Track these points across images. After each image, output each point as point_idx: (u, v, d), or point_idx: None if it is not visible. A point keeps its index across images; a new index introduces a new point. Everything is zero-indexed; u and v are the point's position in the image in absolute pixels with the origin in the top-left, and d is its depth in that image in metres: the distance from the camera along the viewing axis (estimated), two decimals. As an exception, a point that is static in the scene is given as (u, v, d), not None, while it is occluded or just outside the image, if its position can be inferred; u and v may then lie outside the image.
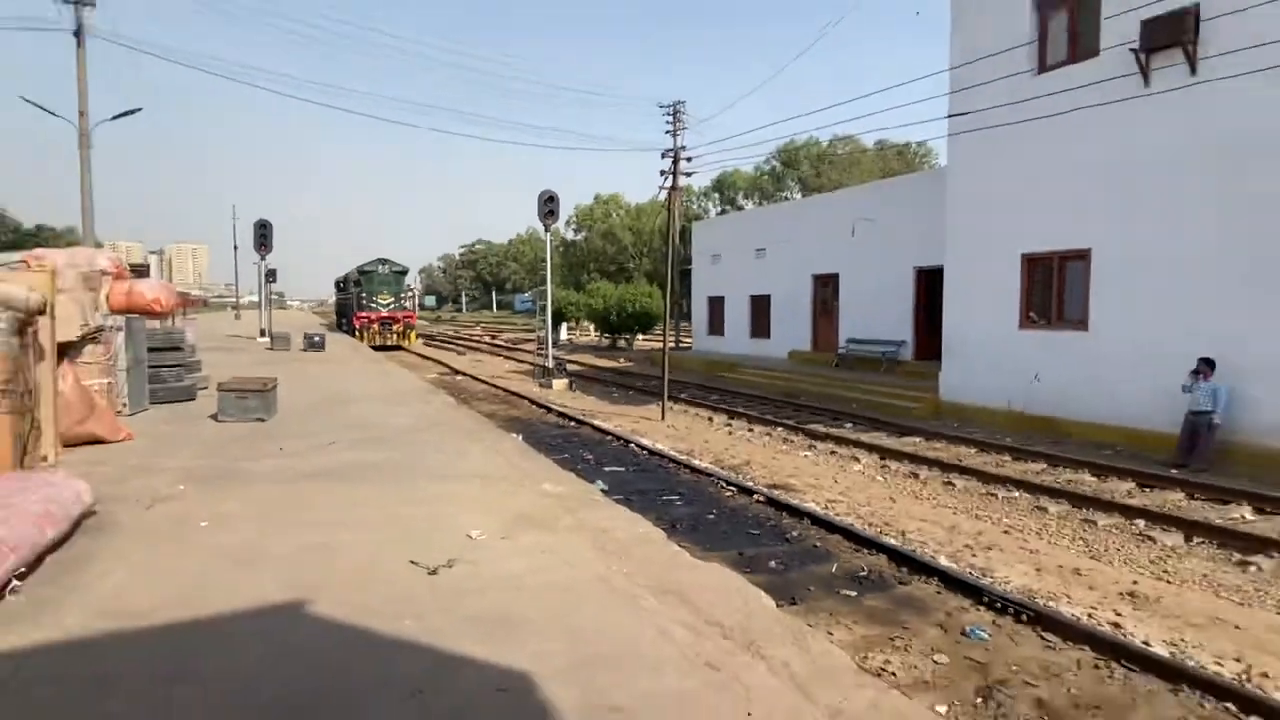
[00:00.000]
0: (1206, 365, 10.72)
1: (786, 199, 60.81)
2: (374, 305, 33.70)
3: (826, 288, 24.56)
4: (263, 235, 28.50)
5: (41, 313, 6.89)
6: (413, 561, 4.71)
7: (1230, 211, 11.03)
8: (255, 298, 44.55)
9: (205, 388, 13.02)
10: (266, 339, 27.74)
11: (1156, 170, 11.93)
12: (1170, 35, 11.26)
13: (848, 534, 7.58)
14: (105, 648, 3.53)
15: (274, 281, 35.77)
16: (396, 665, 3.35)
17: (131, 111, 24.10)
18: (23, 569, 4.23)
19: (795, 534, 7.77)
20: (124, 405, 10.06)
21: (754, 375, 23.06)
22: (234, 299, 72.18)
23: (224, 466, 7.51)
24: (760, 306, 27.91)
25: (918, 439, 13.25)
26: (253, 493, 6.49)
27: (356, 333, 33.76)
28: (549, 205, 22.08)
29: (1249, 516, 8.50)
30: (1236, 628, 5.63)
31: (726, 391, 20.43)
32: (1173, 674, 4.75)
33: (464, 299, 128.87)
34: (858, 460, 11.73)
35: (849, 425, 14.74)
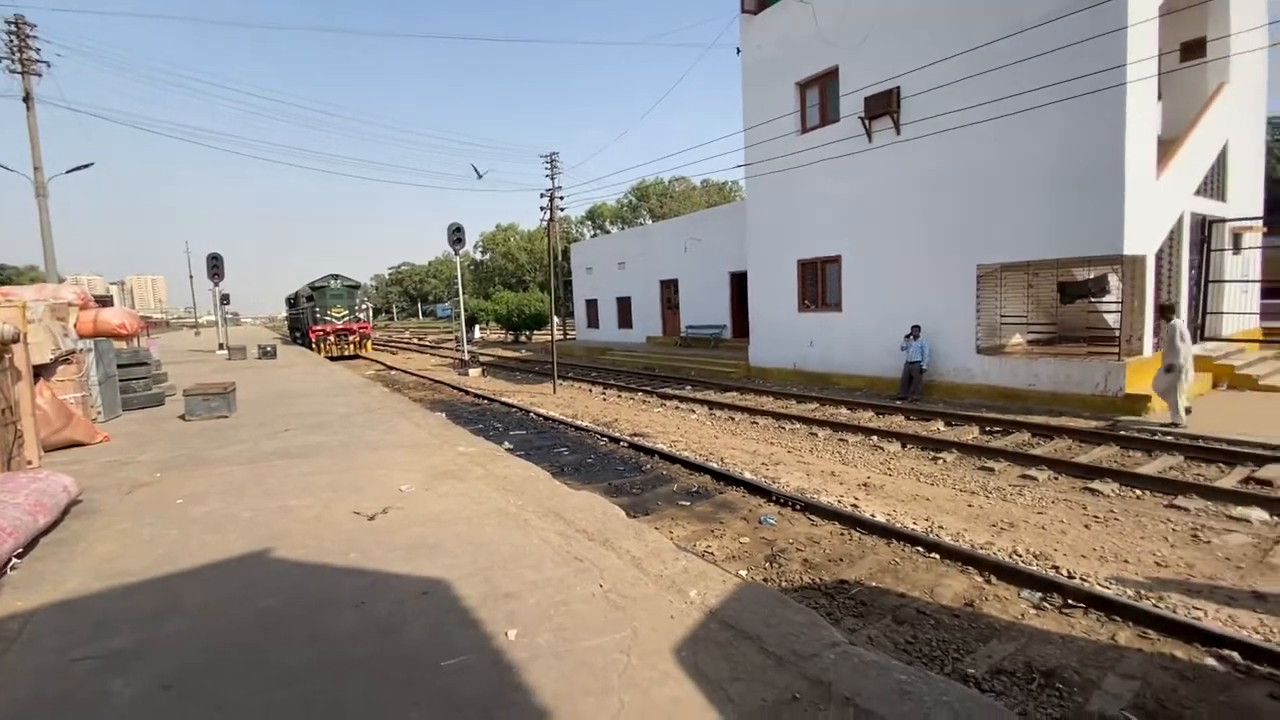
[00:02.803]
0: (915, 330, 11.96)
1: (640, 224, 61.55)
2: (328, 318, 28.07)
3: (670, 289, 25.15)
4: (215, 266, 26.06)
5: (15, 341, 6.18)
6: (355, 512, 4.69)
7: (926, 228, 12.32)
8: (212, 317, 40.45)
9: (173, 394, 11.93)
10: (224, 351, 25.43)
11: (879, 200, 13.07)
12: (882, 107, 12.37)
13: (685, 463, 7.94)
14: (103, 600, 3.37)
15: (228, 303, 32.57)
16: (343, 585, 3.40)
17: (84, 166, 21.19)
18: (20, 549, 3.92)
19: (649, 467, 8.07)
20: (99, 413, 9.10)
21: (622, 356, 23.36)
22: (193, 319, 65.24)
23: (193, 455, 7.02)
24: (624, 305, 28.22)
25: (735, 393, 13.92)
26: (220, 474, 6.14)
27: (314, 345, 27.91)
28: (456, 235, 21.56)
29: (941, 428, 9.65)
30: (928, 500, 6.48)
31: (602, 369, 20.62)
32: (888, 533, 5.45)
33: (394, 310, 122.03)
34: (694, 411, 12.21)
35: (689, 387, 15.21)
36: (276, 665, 2.63)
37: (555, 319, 21.91)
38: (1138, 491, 6.46)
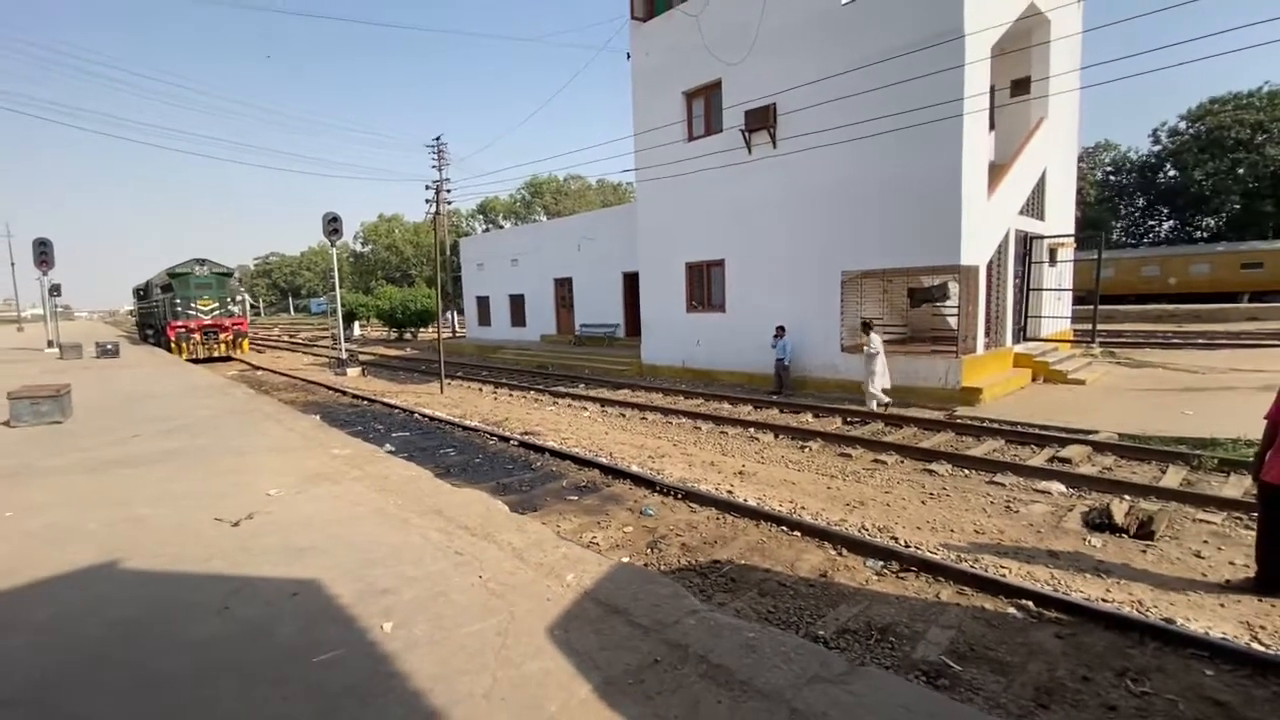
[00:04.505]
0: (781, 330, 12.89)
1: (534, 220, 60.88)
2: (193, 312, 23.64)
3: (564, 287, 25.18)
4: (43, 252, 22.73)
5: None
6: (217, 519, 4.45)
7: (799, 236, 13.30)
8: (39, 311, 35.16)
9: (-12, 399, 10.39)
10: (55, 349, 22.30)
11: (758, 209, 13.92)
12: (760, 121, 13.20)
13: (575, 459, 8.10)
14: (-90, 627, 3.01)
15: (59, 295, 28.35)
16: (206, 591, 3.29)
17: None
18: None
19: (539, 464, 8.14)
20: (-112, 422, 7.82)
21: (514, 355, 23.11)
22: (14, 314, 56.15)
23: (23, 464, 6.24)
24: (517, 302, 27.87)
25: (627, 390, 14.25)
26: (58, 484, 5.54)
27: (173, 345, 23.43)
28: (333, 225, 20.38)
29: (809, 420, 10.51)
30: (794, 484, 7.09)
31: (493, 368, 20.28)
32: (758, 515, 5.93)
33: (261, 304, 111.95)
34: (586, 409, 12.37)
35: (582, 385, 15.34)
36: (137, 674, 2.53)
37: (444, 315, 21.26)
38: (966, 471, 7.46)
